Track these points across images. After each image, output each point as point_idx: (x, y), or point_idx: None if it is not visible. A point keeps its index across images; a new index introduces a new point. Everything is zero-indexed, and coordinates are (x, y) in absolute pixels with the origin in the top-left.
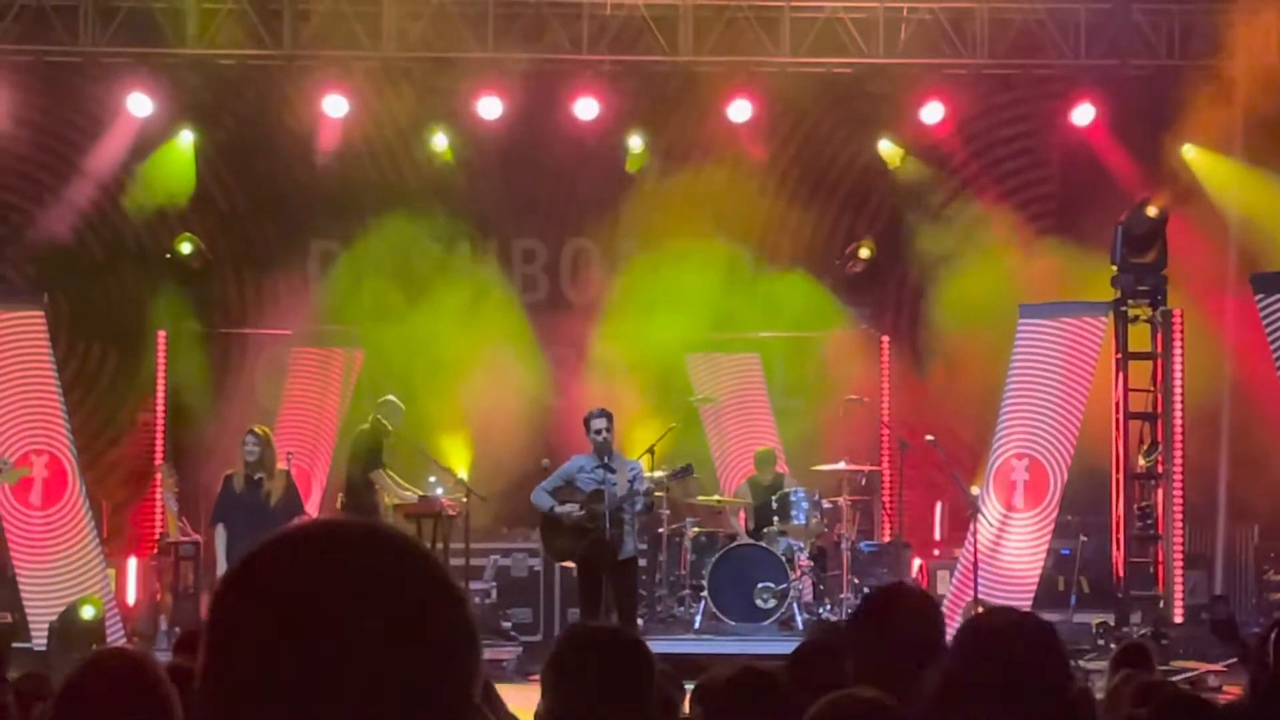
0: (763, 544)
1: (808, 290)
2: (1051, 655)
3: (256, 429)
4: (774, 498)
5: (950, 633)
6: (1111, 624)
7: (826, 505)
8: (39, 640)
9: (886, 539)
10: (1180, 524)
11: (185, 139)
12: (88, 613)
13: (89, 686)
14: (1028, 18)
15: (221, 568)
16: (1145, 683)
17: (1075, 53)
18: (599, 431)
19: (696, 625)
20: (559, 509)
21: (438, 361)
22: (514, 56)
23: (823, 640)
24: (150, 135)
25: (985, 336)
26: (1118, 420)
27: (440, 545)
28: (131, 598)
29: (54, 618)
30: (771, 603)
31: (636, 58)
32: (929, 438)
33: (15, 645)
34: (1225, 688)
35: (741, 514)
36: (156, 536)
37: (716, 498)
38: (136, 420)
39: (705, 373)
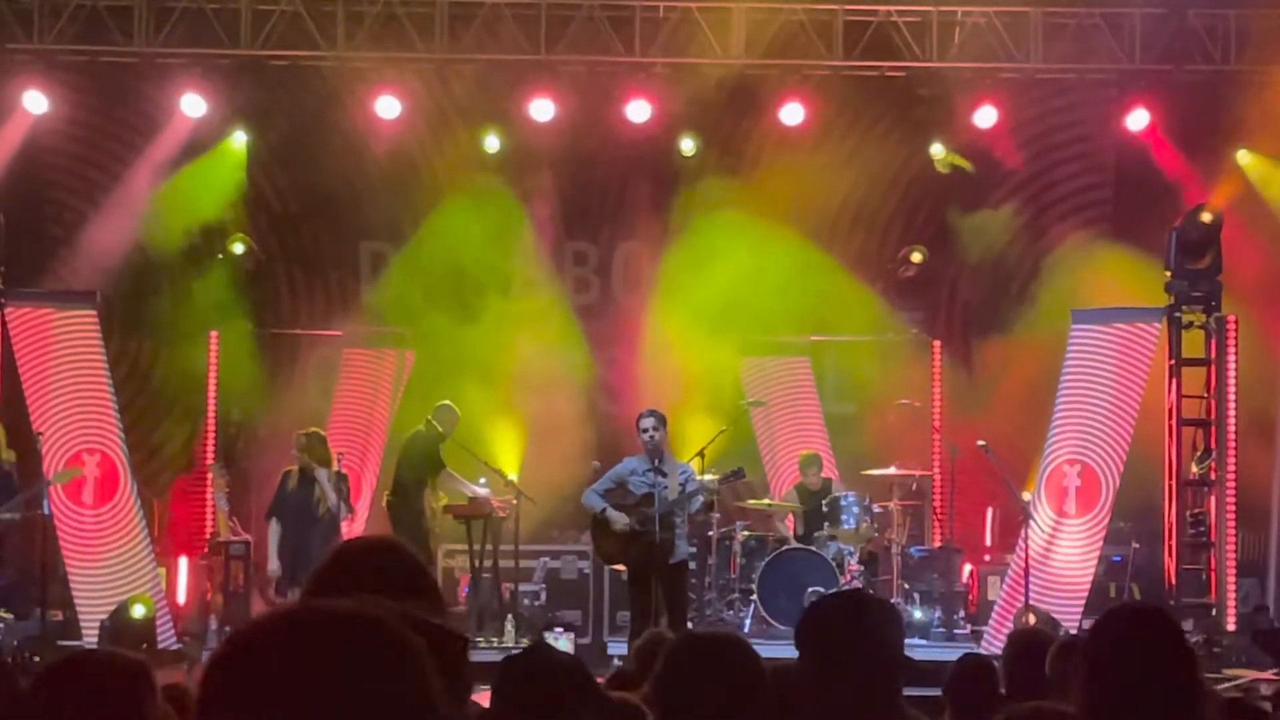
0: (813, 548)
1: (859, 294)
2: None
3: (310, 430)
4: (824, 502)
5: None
6: None
7: (877, 510)
8: (90, 639)
9: (937, 544)
10: (1233, 531)
11: (238, 140)
12: (138, 611)
13: (59, 685)
14: (1082, 22)
15: (271, 562)
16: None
17: (1130, 57)
18: (645, 431)
19: (746, 629)
20: (610, 513)
21: (488, 363)
22: (566, 59)
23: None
24: (203, 136)
25: (1038, 341)
26: (1171, 427)
27: (490, 547)
28: (182, 597)
29: (105, 616)
30: None
31: (689, 60)
32: (980, 443)
33: (66, 643)
34: None
35: (790, 519)
36: (207, 536)
37: (767, 501)
38: (191, 423)
39: (756, 376)
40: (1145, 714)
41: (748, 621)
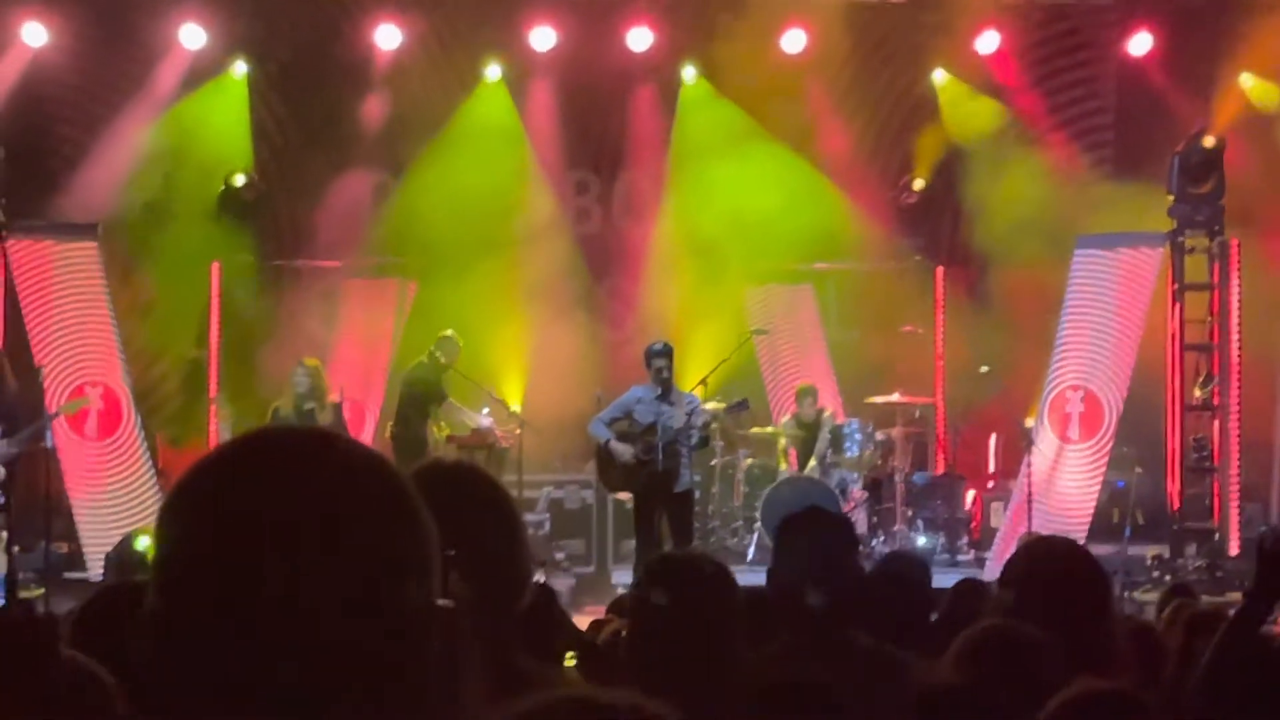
0: (815, 476)
1: (862, 221)
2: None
3: (305, 361)
4: (828, 431)
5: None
6: (1166, 556)
7: (880, 437)
8: (95, 572)
9: (940, 471)
10: (1236, 456)
11: (239, 70)
12: (143, 544)
13: (105, 611)
14: None
15: None
16: (1200, 612)
17: None
18: (660, 370)
19: (750, 557)
20: (614, 445)
21: (490, 293)
22: None
23: (901, 569)
24: (203, 67)
25: (1041, 268)
26: (1173, 352)
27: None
28: None
29: (110, 549)
30: None
31: None
32: (984, 369)
33: (72, 575)
34: None
35: (793, 453)
36: None
37: (770, 429)
38: (194, 355)
39: (759, 304)
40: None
41: (751, 549)
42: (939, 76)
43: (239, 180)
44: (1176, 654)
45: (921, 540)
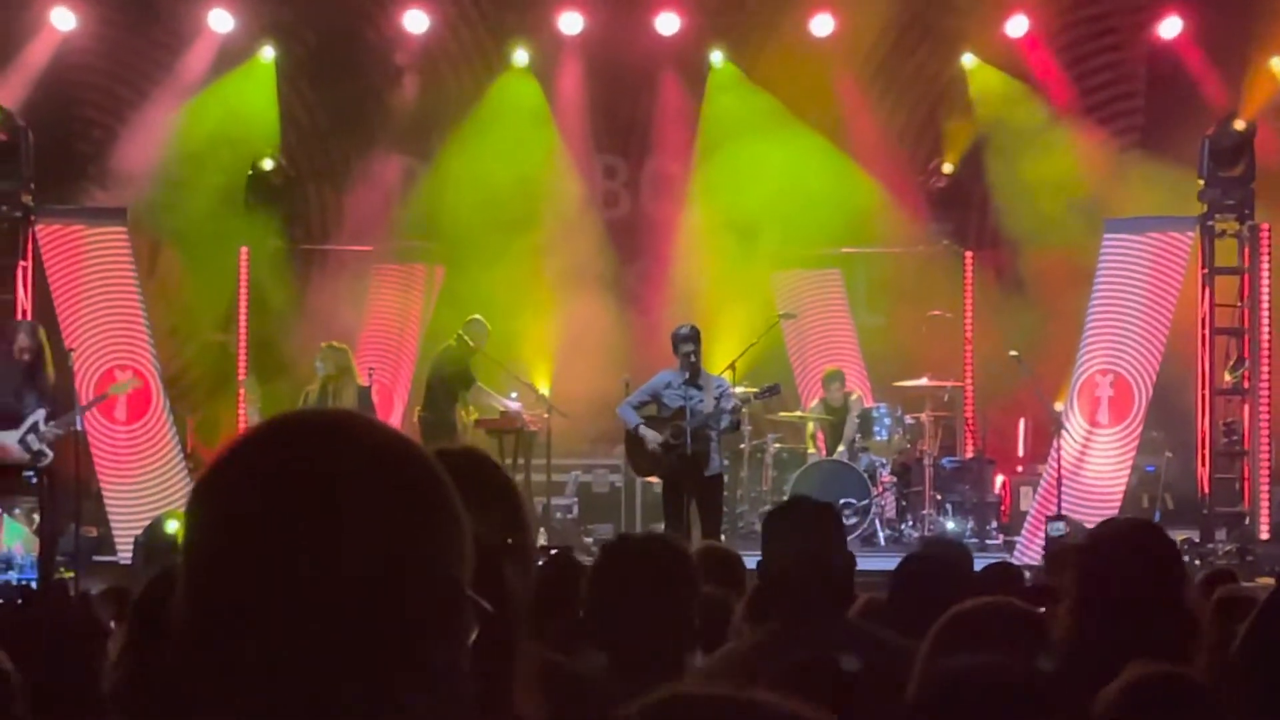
0: (844, 460)
1: (890, 206)
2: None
3: (322, 345)
4: (857, 415)
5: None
6: (1196, 541)
7: (909, 421)
8: (124, 554)
9: (969, 455)
10: (1266, 440)
11: (267, 55)
12: (172, 527)
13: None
14: None
15: None
16: (1233, 596)
17: None
18: (687, 355)
19: None
20: (642, 430)
21: (518, 277)
22: None
23: (941, 554)
24: (231, 52)
25: (1070, 252)
26: (1203, 336)
27: (521, 460)
28: None
29: (139, 533)
30: (853, 519)
31: None
32: (1013, 353)
33: (101, 559)
34: None
35: (820, 436)
36: None
37: (799, 414)
38: (223, 339)
39: (787, 288)
40: (1134, 625)
41: None
42: (968, 60)
43: (267, 165)
44: (1212, 638)
45: (950, 524)
